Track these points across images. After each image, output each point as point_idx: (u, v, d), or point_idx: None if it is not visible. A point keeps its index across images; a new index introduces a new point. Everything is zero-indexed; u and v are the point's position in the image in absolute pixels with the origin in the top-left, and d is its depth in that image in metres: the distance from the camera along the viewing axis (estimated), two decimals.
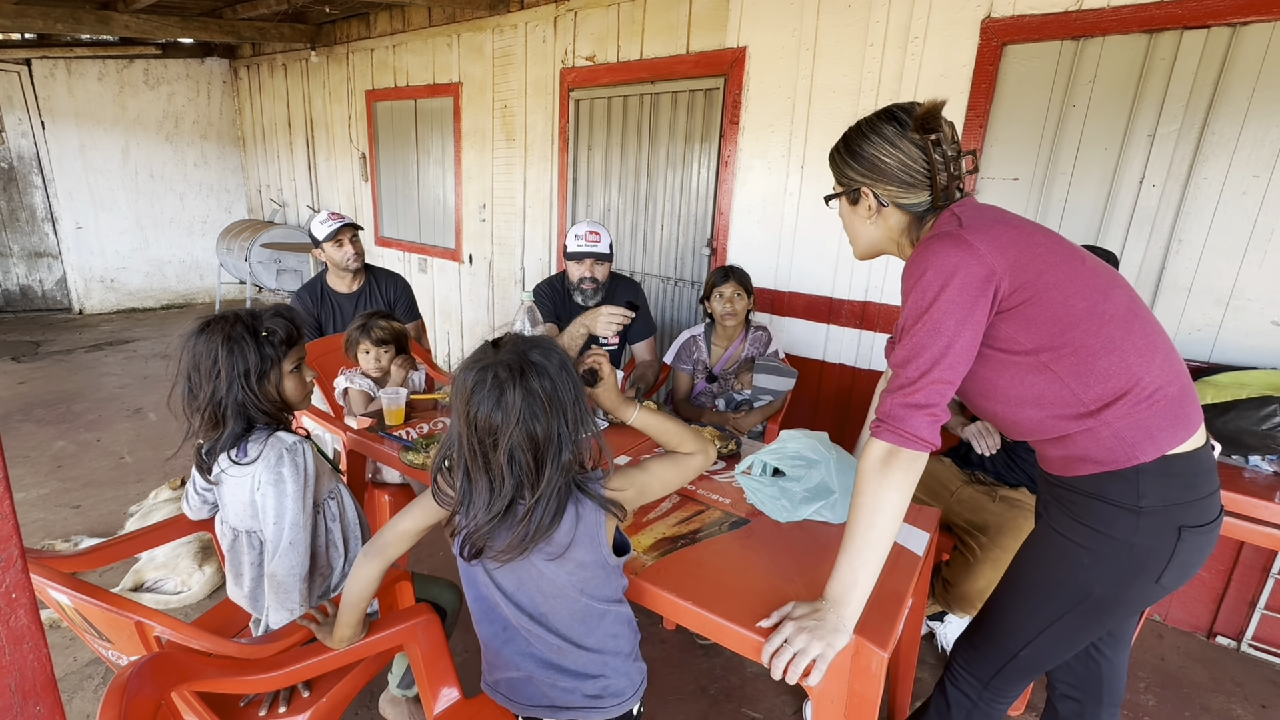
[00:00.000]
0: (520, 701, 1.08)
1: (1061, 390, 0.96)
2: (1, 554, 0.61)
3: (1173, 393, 0.95)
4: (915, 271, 0.97)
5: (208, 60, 6.25)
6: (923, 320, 0.95)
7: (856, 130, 1.07)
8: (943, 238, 0.96)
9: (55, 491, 2.83)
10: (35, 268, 5.89)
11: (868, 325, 2.67)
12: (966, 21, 2.25)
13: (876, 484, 0.97)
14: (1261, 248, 1.91)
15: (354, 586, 1.09)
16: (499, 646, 1.07)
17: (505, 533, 0.93)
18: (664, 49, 3.06)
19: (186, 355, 1.21)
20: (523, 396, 0.88)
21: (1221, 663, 2.08)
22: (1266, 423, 1.63)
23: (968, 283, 0.92)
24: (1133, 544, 0.96)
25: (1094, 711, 1.24)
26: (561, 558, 0.98)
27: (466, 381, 0.91)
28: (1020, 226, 0.99)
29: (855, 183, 1.08)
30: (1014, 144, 2.26)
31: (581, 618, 1.03)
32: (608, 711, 1.06)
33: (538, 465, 0.90)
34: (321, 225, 2.53)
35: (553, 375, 0.91)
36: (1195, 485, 0.96)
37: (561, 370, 0.93)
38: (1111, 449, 0.95)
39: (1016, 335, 0.96)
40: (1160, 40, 1.96)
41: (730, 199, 2.96)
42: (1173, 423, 0.94)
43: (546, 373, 0.90)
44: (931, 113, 0.97)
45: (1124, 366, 0.93)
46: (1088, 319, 0.94)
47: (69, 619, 1.12)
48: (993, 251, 0.93)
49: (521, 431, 0.88)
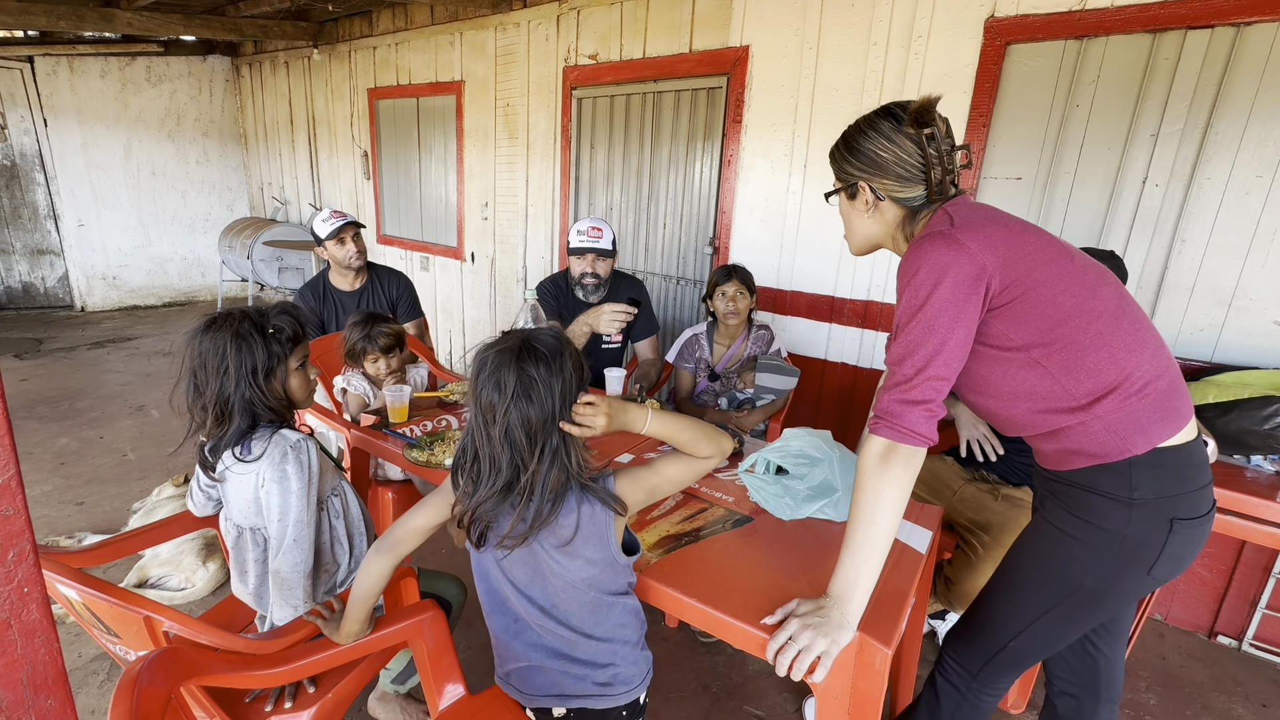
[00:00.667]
0: (531, 692, 1.10)
1: (1053, 385, 0.98)
2: (14, 548, 0.62)
3: (1162, 386, 0.97)
4: (909, 270, 0.99)
5: (210, 58, 6.25)
6: (916, 318, 0.96)
7: (855, 127, 1.10)
8: (934, 237, 0.98)
9: (58, 488, 2.84)
10: (37, 265, 5.90)
11: (870, 324, 2.67)
12: (970, 21, 2.25)
13: (876, 480, 0.98)
14: (1264, 248, 1.91)
15: (364, 582, 1.10)
16: (509, 639, 1.09)
17: (507, 516, 0.98)
18: (667, 48, 3.06)
19: (192, 352, 1.21)
20: (517, 377, 0.93)
21: (1223, 662, 2.08)
22: (1268, 422, 1.63)
23: (959, 280, 0.94)
24: (1125, 535, 0.98)
25: (1092, 708, 1.25)
26: (570, 552, 1.00)
27: (475, 364, 0.99)
28: (1010, 225, 1.00)
29: (853, 177, 1.10)
30: (1017, 143, 2.26)
31: (591, 609, 1.05)
32: (616, 699, 1.08)
33: (530, 443, 0.95)
34: (324, 223, 2.53)
35: (548, 360, 0.95)
36: (1186, 478, 0.98)
37: (558, 357, 0.97)
38: (1104, 442, 0.97)
39: (1008, 332, 0.98)
40: (1164, 40, 1.96)
41: (733, 198, 2.97)
42: (1163, 415, 0.96)
43: (543, 358, 0.95)
44: (925, 108, 1.00)
45: (1113, 361, 0.95)
46: (1076, 315, 0.96)
47: (76, 614, 1.13)
48: (983, 249, 0.95)
49: (516, 411, 0.93)
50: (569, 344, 1.00)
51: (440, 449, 1.63)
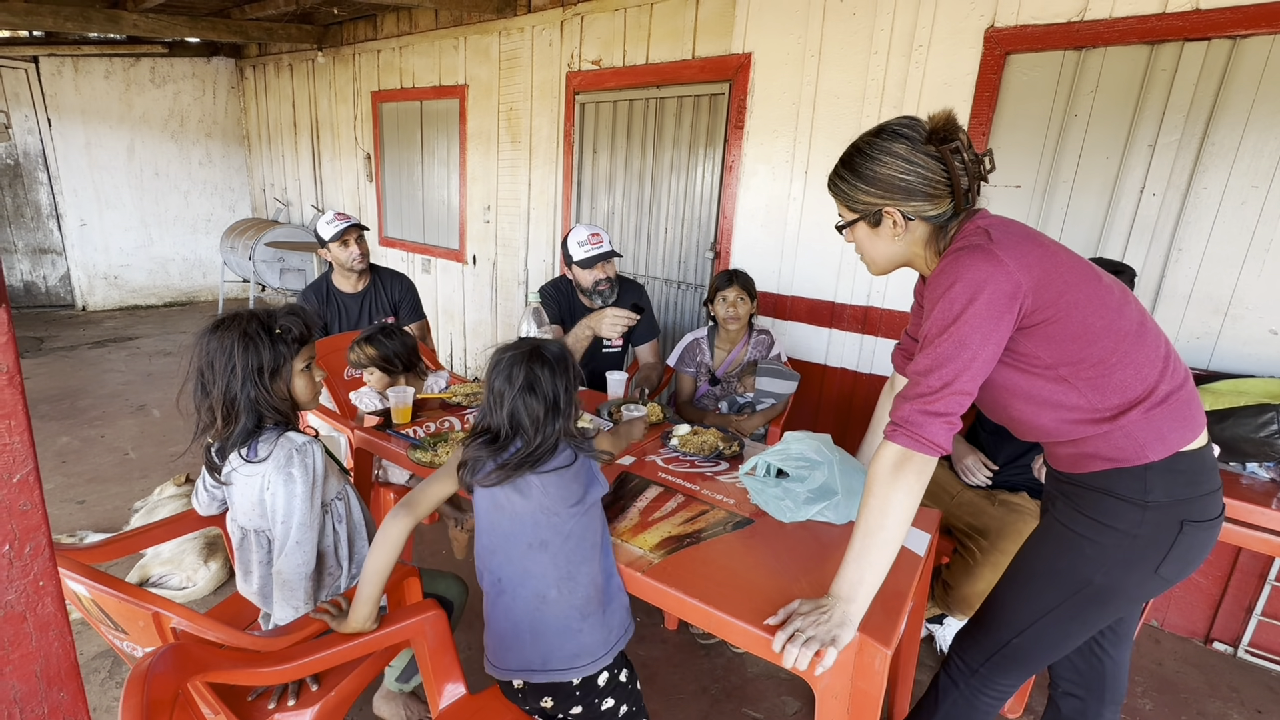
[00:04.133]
0: (504, 667, 1.18)
1: (1079, 400, 1.00)
2: (31, 542, 0.63)
3: (1183, 396, 0.99)
4: (944, 282, 0.98)
5: (214, 59, 6.28)
6: (949, 332, 0.96)
7: (860, 154, 1.07)
8: (973, 251, 0.97)
9: (60, 487, 2.85)
10: (39, 264, 5.91)
11: (870, 330, 2.69)
12: (970, 30, 2.27)
13: (889, 486, 0.99)
14: (1260, 257, 1.93)
15: (380, 551, 1.17)
16: (489, 607, 1.21)
17: (494, 460, 1.16)
18: (670, 54, 3.09)
19: (199, 352, 1.22)
20: (524, 374, 1.16)
21: (1218, 668, 2.09)
22: (1264, 430, 1.65)
23: (995, 297, 0.94)
24: (1136, 535, 1.00)
25: (1096, 709, 1.26)
26: (573, 499, 1.18)
27: (491, 360, 1.22)
28: (1045, 245, 1.01)
29: (873, 205, 1.07)
30: (1016, 152, 2.28)
31: (569, 568, 1.16)
32: (583, 670, 1.16)
33: (533, 425, 1.15)
34: (327, 225, 2.55)
35: (552, 365, 1.18)
36: (1199, 482, 1.00)
37: (560, 362, 1.19)
38: (1123, 448, 0.99)
39: (1037, 351, 0.99)
40: (1161, 52, 1.99)
41: (734, 203, 2.99)
42: (1182, 424, 0.99)
43: (547, 362, 1.18)
44: (948, 124, 1.00)
45: (1139, 377, 0.97)
46: (1105, 336, 0.97)
47: (84, 610, 1.14)
48: (1020, 268, 0.95)
49: (519, 399, 1.15)
50: (569, 353, 1.23)
51: (443, 450, 1.64)
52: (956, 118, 1.01)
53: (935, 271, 1.03)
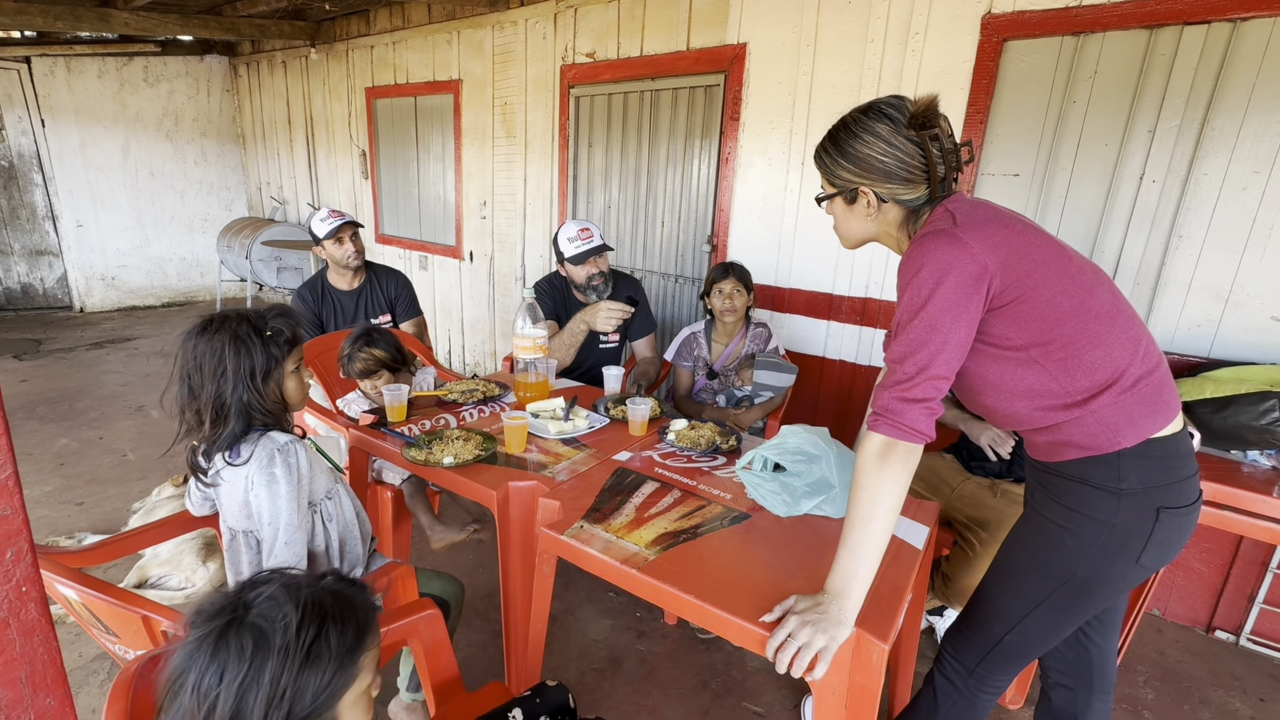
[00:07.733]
0: None
1: (1050, 383, 0.99)
2: (12, 548, 0.62)
3: (1154, 381, 0.99)
4: (911, 268, 0.99)
5: (207, 58, 6.24)
6: (918, 317, 0.97)
7: (845, 130, 1.08)
8: (937, 235, 0.98)
9: (58, 489, 2.84)
10: (36, 266, 5.90)
11: (868, 321, 2.67)
12: (967, 17, 2.25)
13: (875, 476, 0.99)
14: (1261, 243, 1.92)
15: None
16: None
17: None
18: (664, 45, 3.06)
19: (187, 354, 1.21)
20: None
21: (1220, 657, 2.09)
22: (1265, 418, 1.64)
23: (961, 280, 0.95)
24: (1113, 524, 1.00)
25: (1085, 698, 1.26)
26: None
27: None
28: (1011, 224, 1.01)
29: (851, 183, 1.09)
30: (1014, 140, 2.26)
31: None
32: None
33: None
34: (322, 223, 2.53)
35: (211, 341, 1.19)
36: (1173, 468, 1.00)
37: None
38: (1095, 435, 0.99)
39: (1007, 331, 0.99)
40: (1160, 36, 1.96)
41: (731, 195, 2.97)
42: (1153, 409, 0.98)
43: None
44: (929, 109, 0.99)
45: (1109, 359, 0.97)
46: (1074, 316, 0.97)
47: (76, 614, 1.13)
48: (985, 249, 0.96)
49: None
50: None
51: (439, 448, 1.63)
52: (939, 104, 1.00)
53: (903, 257, 1.03)
